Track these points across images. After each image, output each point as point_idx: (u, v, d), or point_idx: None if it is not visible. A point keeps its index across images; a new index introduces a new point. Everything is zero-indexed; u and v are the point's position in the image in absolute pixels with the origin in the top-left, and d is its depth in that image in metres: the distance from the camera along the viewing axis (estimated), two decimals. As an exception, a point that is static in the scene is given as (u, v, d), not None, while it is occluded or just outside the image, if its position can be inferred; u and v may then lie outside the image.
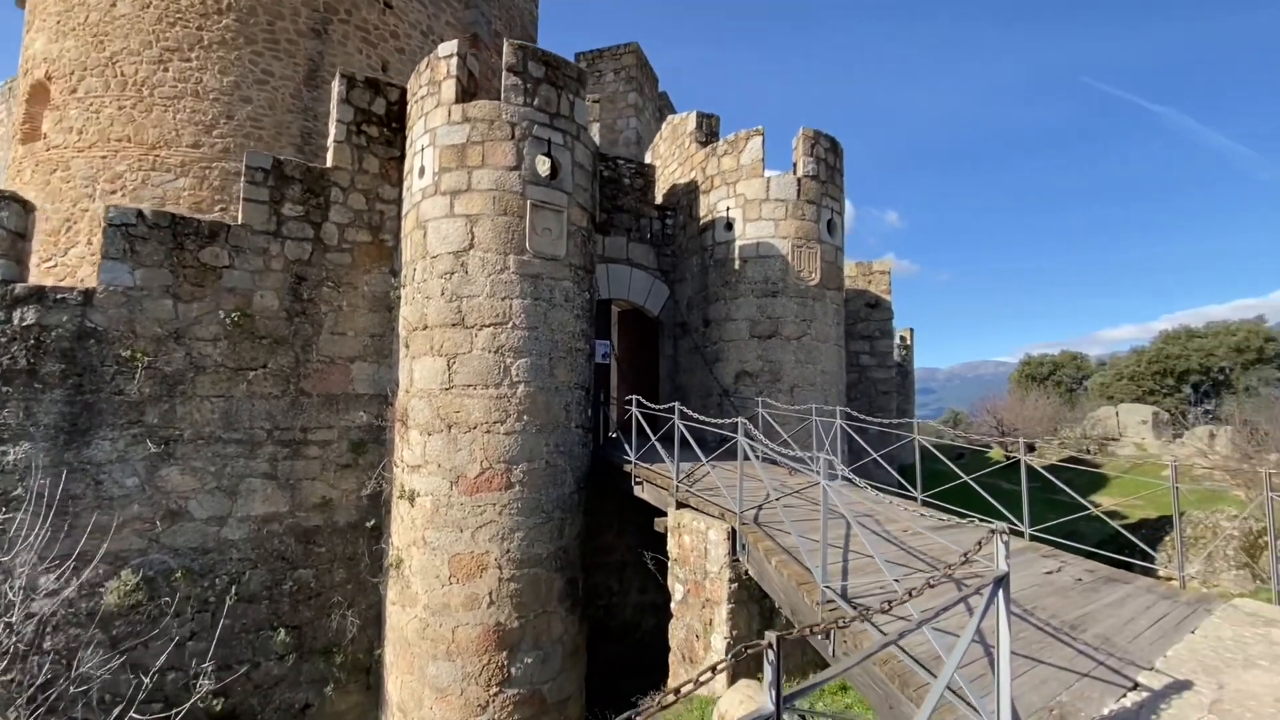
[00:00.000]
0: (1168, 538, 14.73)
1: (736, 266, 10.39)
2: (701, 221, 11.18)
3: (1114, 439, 33.47)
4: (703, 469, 8.32)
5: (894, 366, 14.94)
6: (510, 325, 7.74)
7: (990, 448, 41.37)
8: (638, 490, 7.83)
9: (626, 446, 7.97)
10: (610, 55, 18.14)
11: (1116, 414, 34.95)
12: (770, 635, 1.71)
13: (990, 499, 6.60)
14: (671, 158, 12.79)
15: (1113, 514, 24.17)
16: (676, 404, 7.01)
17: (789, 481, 7.60)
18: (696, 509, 6.46)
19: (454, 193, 7.92)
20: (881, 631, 3.65)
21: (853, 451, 10.54)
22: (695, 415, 6.84)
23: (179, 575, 7.74)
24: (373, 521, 8.52)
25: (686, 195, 11.78)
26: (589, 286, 8.78)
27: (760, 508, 6.11)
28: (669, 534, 6.75)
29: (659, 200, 12.83)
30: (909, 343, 34.69)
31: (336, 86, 9.00)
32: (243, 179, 8.35)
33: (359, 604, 8.39)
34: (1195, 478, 26.61)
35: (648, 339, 12.47)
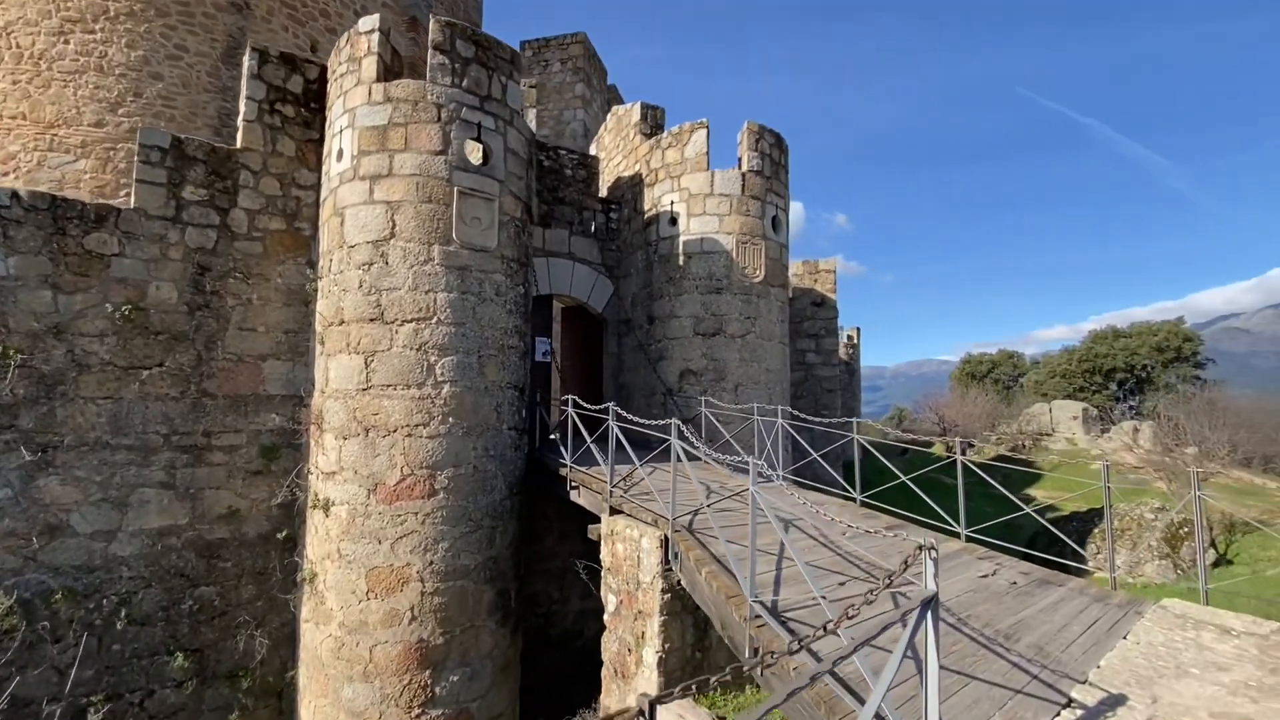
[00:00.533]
0: (1097, 530, 15.26)
1: (680, 262, 10.11)
2: (646, 216, 10.86)
3: (1047, 435, 34.94)
4: (641, 472, 8.01)
5: (839, 364, 14.98)
6: (434, 320, 7.23)
7: (932, 444, 42.64)
8: (574, 495, 7.44)
9: (563, 449, 7.57)
10: (557, 45, 17.63)
11: (1049, 411, 36.50)
12: (643, 700, 1.37)
13: (928, 499, 6.48)
14: (616, 150, 12.43)
15: (1047, 508, 25.15)
16: (611, 405, 6.65)
17: (729, 484, 7.35)
18: (631, 515, 6.12)
19: (374, 177, 7.36)
20: (816, 658, 3.37)
21: (798, 451, 10.42)
22: (630, 416, 6.50)
23: (59, 596, 6.94)
24: (285, 533, 7.86)
25: (631, 189, 11.44)
26: (524, 280, 8.33)
27: (695, 513, 5.81)
28: (602, 542, 6.39)
29: (604, 193, 12.46)
30: (856, 341, 35.38)
31: (247, 61, 8.27)
32: (136, 159, 7.56)
33: (270, 623, 7.72)
34: (1120, 471, 27.96)
35: (592, 336, 12.08)
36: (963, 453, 5.77)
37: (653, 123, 11.46)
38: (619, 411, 6.59)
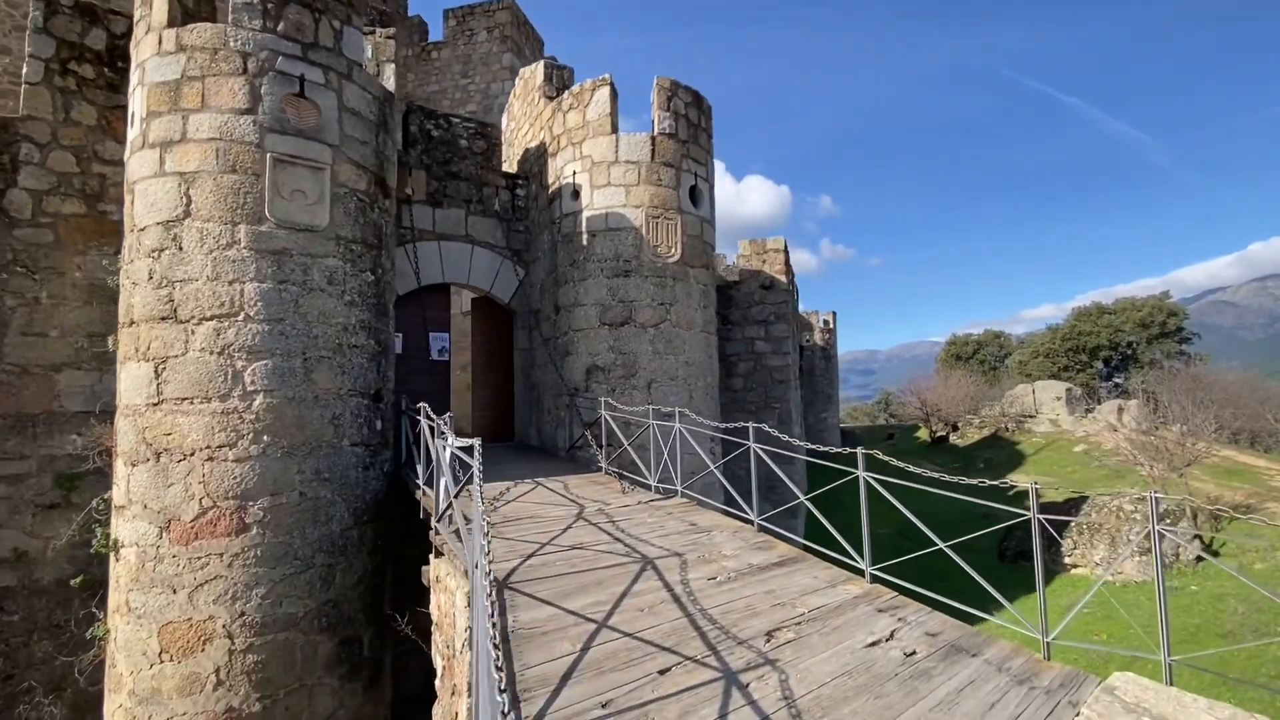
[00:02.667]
0: (1074, 524, 14.16)
1: (584, 242, 8.79)
2: (550, 190, 9.52)
3: (1030, 416, 33.95)
4: (519, 489, 6.75)
5: (790, 353, 13.74)
6: (241, 317, 5.89)
7: (918, 428, 41.55)
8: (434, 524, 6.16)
9: (418, 467, 6.29)
10: (482, 12, 16.16)
11: (1033, 391, 35.50)
12: None
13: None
14: (524, 118, 11.06)
15: (1028, 493, 24.14)
16: (449, 414, 5.36)
17: (611, 505, 6.08)
18: (452, 558, 4.85)
19: (166, 144, 5.98)
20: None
21: (729, 451, 9.19)
22: (444, 422, 5.20)
23: None
24: (84, 578, 6.55)
25: (538, 160, 10.09)
26: (374, 266, 6.99)
27: (529, 556, 4.54)
28: (430, 589, 5.13)
29: (513, 168, 11.10)
30: (832, 326, 34.20)
31: (32, 11, 6.85)
32: (-123, 128, 6.17)
33: (67, 688, 6.42)
34: (1104, 453, 26.96)
35: (503, 330, 10.77)
36: (865, 466, 4.51)
37: (558, 84, 10.09)
38: (433, 417, 5.29)
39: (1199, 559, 12.68)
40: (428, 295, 9.80)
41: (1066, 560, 13.68)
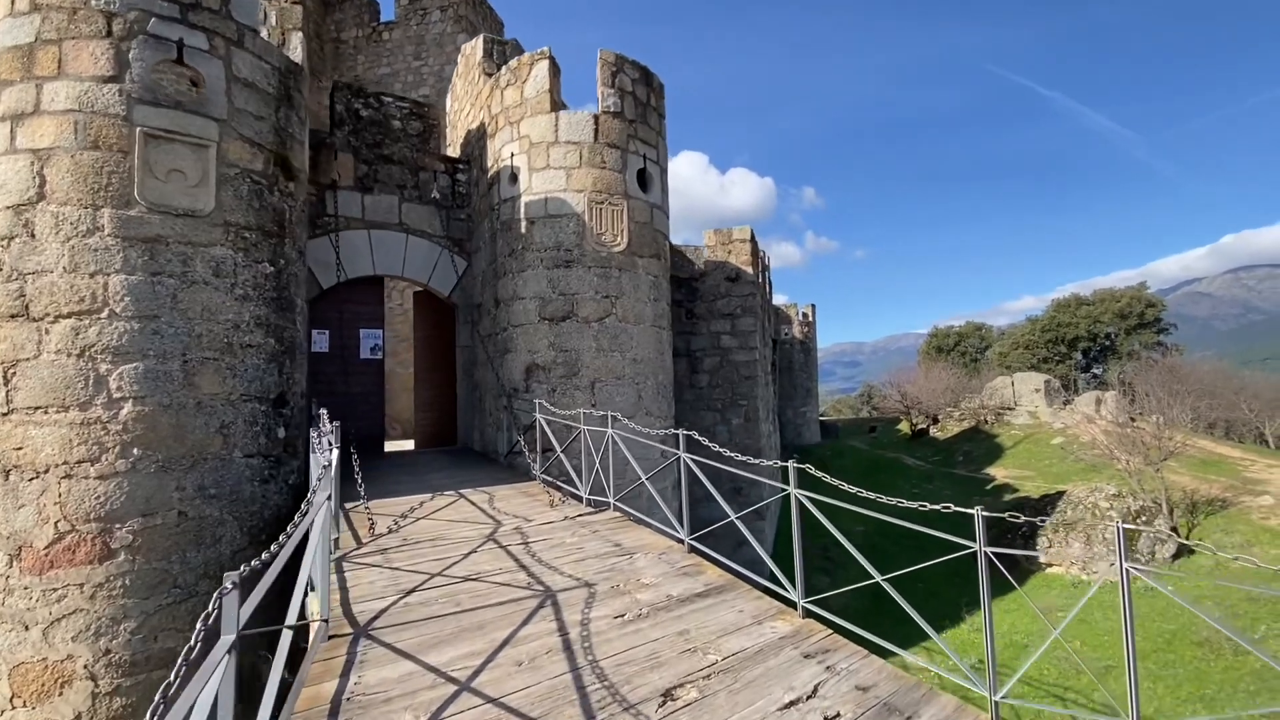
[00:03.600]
0: (1048, 523, 13.78)
1: (523, 230, 8.13)
2: (490, 174, 8.83)
3: (1009, 408, 33.83)
4: (436, 503, 6.10)
5: (758, 348, 13.17)
6: (105, 314, 5.16)
7: (899, 420, 41.36)
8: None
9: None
10: (435, -10, 15.33)
11: (1012, 384, 35.39)
12: None
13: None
14: (466, 97, 10.33)
15: (1005, 488, 23.87)
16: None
17: (530, 521, 5.46)
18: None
19: (16, 117, 5.23)
20: None
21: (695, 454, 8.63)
22: (327, 429, 4.55)
23: None
24: (-60, 611, 5.80)
25: (478, 143, 9.38)
26: (274, 256, 6.27)
27: (413, 591, 3.90)
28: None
29: (455, 152, 10.39)
30: (811, 319, 33.78)
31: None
32: None
33: (-80, 734, 5.69)
34: (1082, 445, 26.82)
35: (447, 326, 10.07)
36: (794, 483, 3.92)
37: (499, 59, 9.38)
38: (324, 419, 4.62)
39: (1175, 557, 12.35)
40: (358, 289, 9.09)
41: (1042, 559, 13.30)
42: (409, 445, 10.62)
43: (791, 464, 3.93)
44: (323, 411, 5.55)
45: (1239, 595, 9.64)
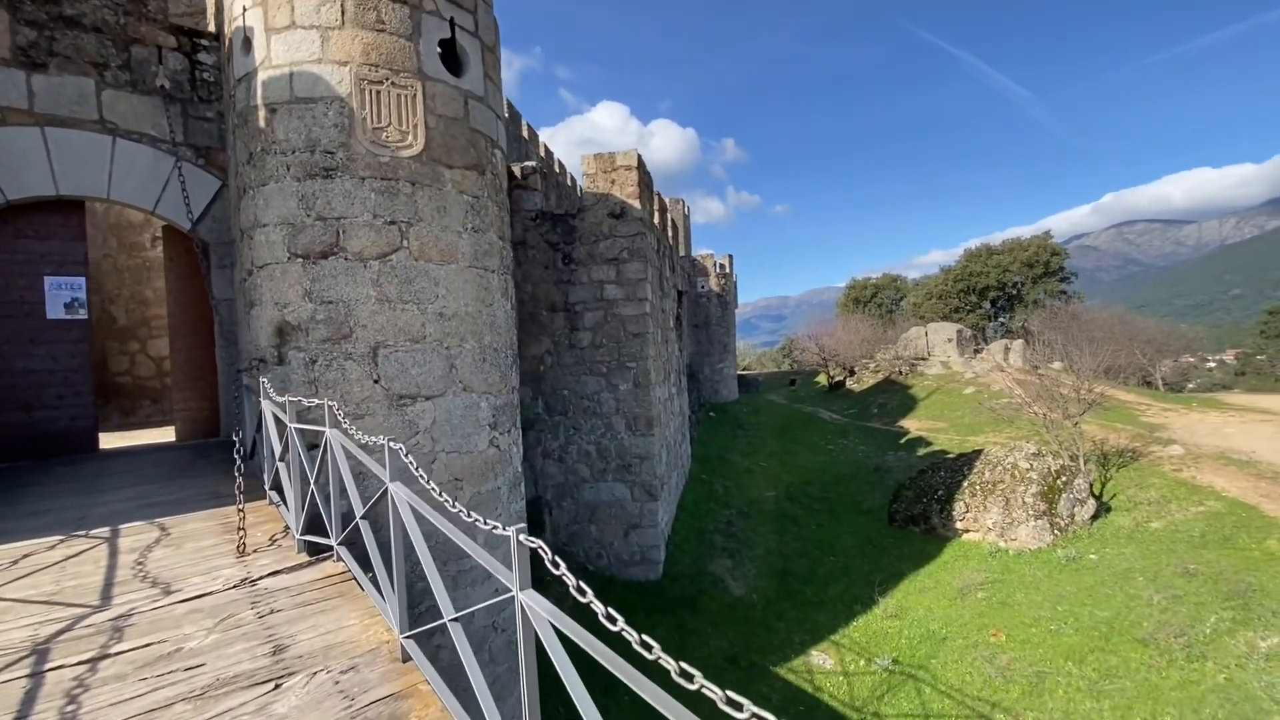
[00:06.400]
0: (965, 483, 12.68)
1: (260, 123, 5.45)
2: (226, 46, 6.03)
3: (923, 359, 33.76)
4: (41, 556, 3.65)
5: (649, 299, 11.02)
6: None
7: (818, 374, 41.12)
8: None
9: None
10: None
11: (926, 334, 35.31)
12: None
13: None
14: (209, -57, 7.27)
15: (919, 441, 23.36)
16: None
17: (167, 598, 3.12)
18: None
19: None
20: None
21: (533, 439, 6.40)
22: None
23: None
24: None
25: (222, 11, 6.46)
26: None
27: None
28: None
29: (209, 25, 7.38)
30: (729, 270, 32.09)
31: None
32: None
33: None
34: (994, 394, 26.76)
35: (200, 273, 7.27)
36: (528, 581, 1.75)
37: (238, -124, 6.39)
38: None
39: (1094, 518, 11.46)
40: (37, 217, 6.17)
41: (958, 525, 12.20)
42: (171, 437, 7.86)
43: (519, 540, 1.75)
44: None
45: (1172, 570, 8.63)
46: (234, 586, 3.24)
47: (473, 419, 5.97)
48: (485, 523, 1.92)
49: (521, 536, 1.76)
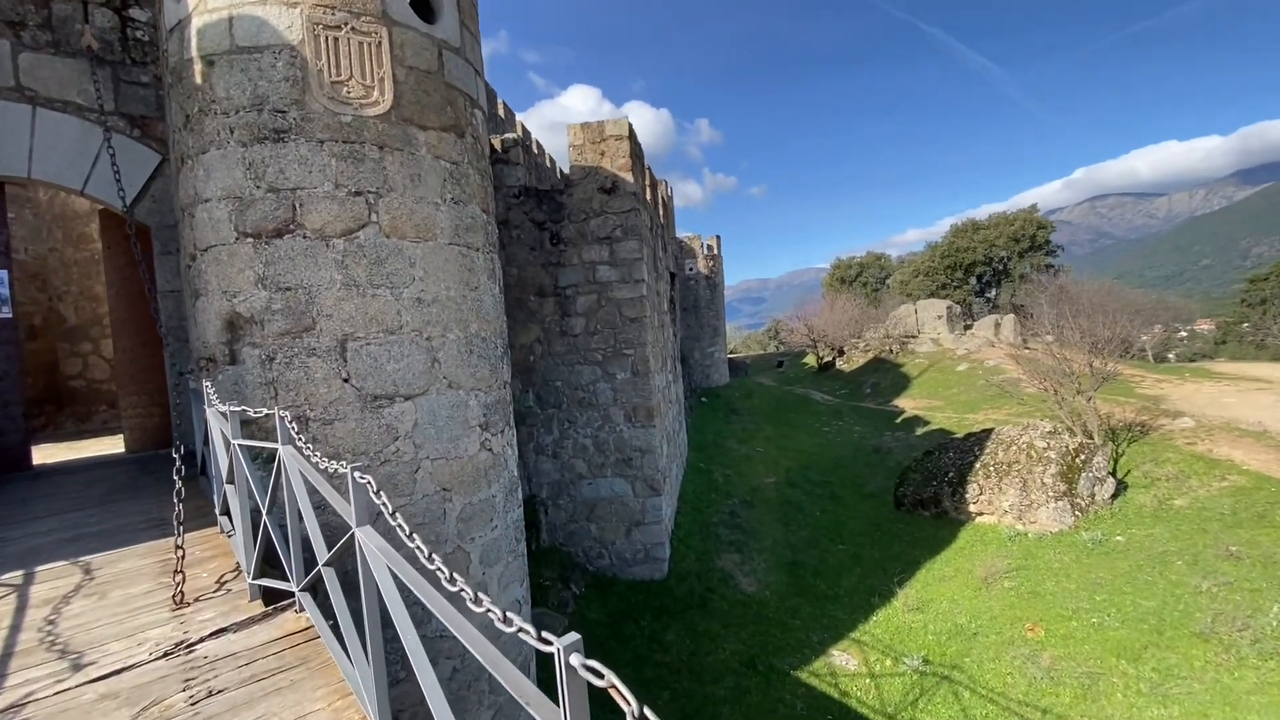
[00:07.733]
0: (978, 464, 12.22)
1: (197, 78, 4.61)
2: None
3: (913, 336, 33.41)
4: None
5: (645, 280, 10.28)
6: None
7: (805, 354, 40.66)
8: None
9: None
10: None
11: (915, 311, 34.95)
12: None
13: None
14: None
15: (916, 420, 22.97)
16: None
17: (82, 665, 2.37)
18: None
19: None
20: None
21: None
22: None
23: None
24: None
25: (149, -51, 5.55)
26: None
27: None
28: None
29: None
30: (717, 251, 31.36)
31: None
32: None
33: None
34: (988, 370, 26.44)
35: (148, 262, 6.38)
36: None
37: None
38: None
39: (1114, 497, 11.03)
40: (-61, 198, 5.26)
41: (972, 508, 11.72)
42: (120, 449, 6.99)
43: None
44: None
45: (1214, 553, 8.18)
46: (164, 656, 2.50)
47: (461, 419, 5.23)
48: (483, 603, 1.22)
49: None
